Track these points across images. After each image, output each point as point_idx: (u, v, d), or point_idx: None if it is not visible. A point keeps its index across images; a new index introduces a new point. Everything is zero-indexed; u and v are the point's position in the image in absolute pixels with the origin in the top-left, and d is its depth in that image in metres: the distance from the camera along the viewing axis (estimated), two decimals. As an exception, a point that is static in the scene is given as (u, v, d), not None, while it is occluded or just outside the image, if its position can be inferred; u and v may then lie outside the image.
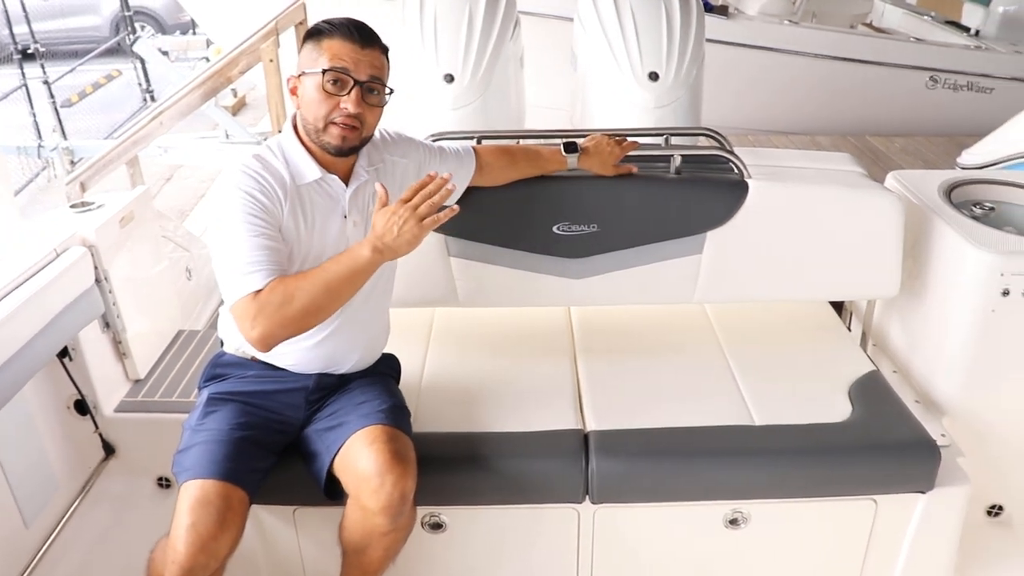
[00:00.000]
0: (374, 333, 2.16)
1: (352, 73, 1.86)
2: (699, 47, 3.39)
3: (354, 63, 1.87)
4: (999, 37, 7.08)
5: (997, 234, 2.37)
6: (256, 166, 1.90)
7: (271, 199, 1.86)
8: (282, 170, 1.91)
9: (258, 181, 1.87)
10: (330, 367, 2.07)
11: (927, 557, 2.28)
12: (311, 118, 1.89)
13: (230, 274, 1.81)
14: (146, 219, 2.71)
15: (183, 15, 10.07)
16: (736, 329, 2.67)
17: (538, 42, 4.08)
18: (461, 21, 3.25)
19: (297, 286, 1.79)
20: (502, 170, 2.34)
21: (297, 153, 1.94)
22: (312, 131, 1.91)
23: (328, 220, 1.95)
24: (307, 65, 1.89)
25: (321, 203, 1.95)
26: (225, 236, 1.84)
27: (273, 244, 1.83)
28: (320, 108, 1.87)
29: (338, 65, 1.86)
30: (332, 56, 1.86)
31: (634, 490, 2.17)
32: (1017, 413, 2.42)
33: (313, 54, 1.88)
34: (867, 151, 6.00)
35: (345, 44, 1.87)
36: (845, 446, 2.17)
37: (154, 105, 4.18)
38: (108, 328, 2.52)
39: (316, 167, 1.94)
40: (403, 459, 1.90)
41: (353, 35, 1.88)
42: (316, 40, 1.89)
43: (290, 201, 1.90)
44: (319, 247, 1.93)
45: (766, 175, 2.44)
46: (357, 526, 1.93)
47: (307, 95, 1.89)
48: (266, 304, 1.78)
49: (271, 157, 1.94)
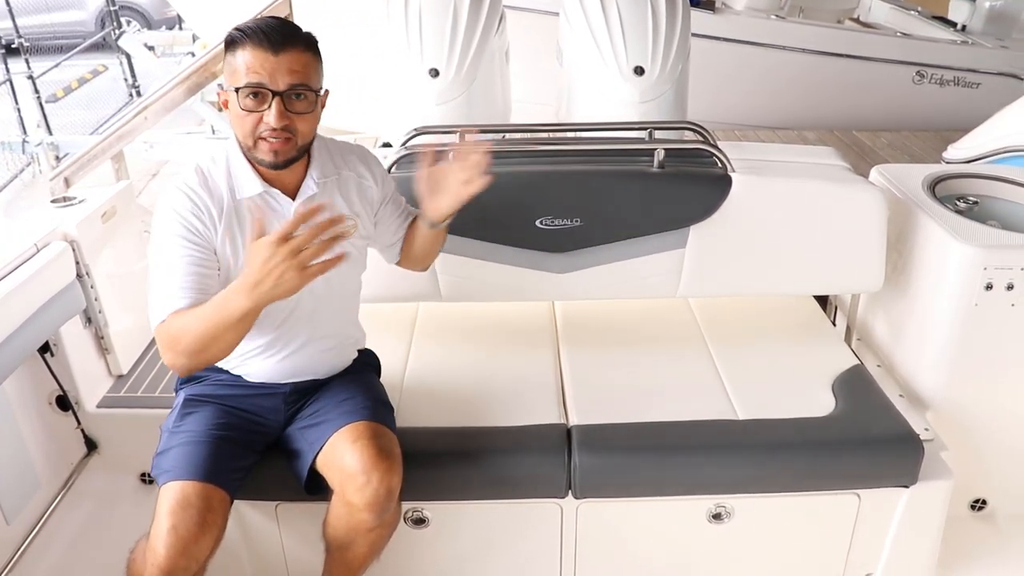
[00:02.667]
0: (344, 338, 2.12)
1: (268, 85, 1.72)
2: (685, 42, 3.39)
3: (269, 74, 1.72)
4: (985, 32, 7.10)
5: (981, 228, 2.37)
6: (194, 183, 1.82)
7: (203, 221, 1.80)
8: (222, 184, 1.84)
9: (192, 201, 1.80)
10: (303, 376, 2.05)
11: (910, 551, 2.29)
12: (240, 135, 1.80)
13: (150, 296, 1.78)
14: (129, 214, 2.70)
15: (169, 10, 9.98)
16: (720, 323, 2.67)
17: (523, 37, 4.07)
18: (446, 16, 3.23)
19: (183, 327, 1.70)
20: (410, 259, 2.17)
21: (239, 166, 1.85)
22: (244, 148, 1.82)
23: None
24: (227, 80, 1.77)
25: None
26: (152, 256, 1.81)
27: (194, 269, 1.76)
28: (244, 125, 1.77)
29: (252, 80, 1.72)
30: (246, 70, 1.72)
31: (617, 485, 2.16)
32: (1000, 407, 2.43)
33: (230, 67, 1.75)
34: (854, 146, 6.01)
35: (257, 53, 1.72)
36: (829, 440, 2.17)
37: (139, 100, 4.16)
38: (90, 323, 2.51)
39: (258, 181, 1.84)
40: (389, 455, 1.89)
41: (264, 41, 1.72)
42: (231, 51, 1.75)
43: (226, 220, 1.82)
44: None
45: (750, 169, 2.44)
46: (342, 522, 1.92)
47: (232, 112, 1.78)
48: (164, 337, 1.74)
49: (214, 169, 1.85)
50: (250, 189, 1.84)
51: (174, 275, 1.76)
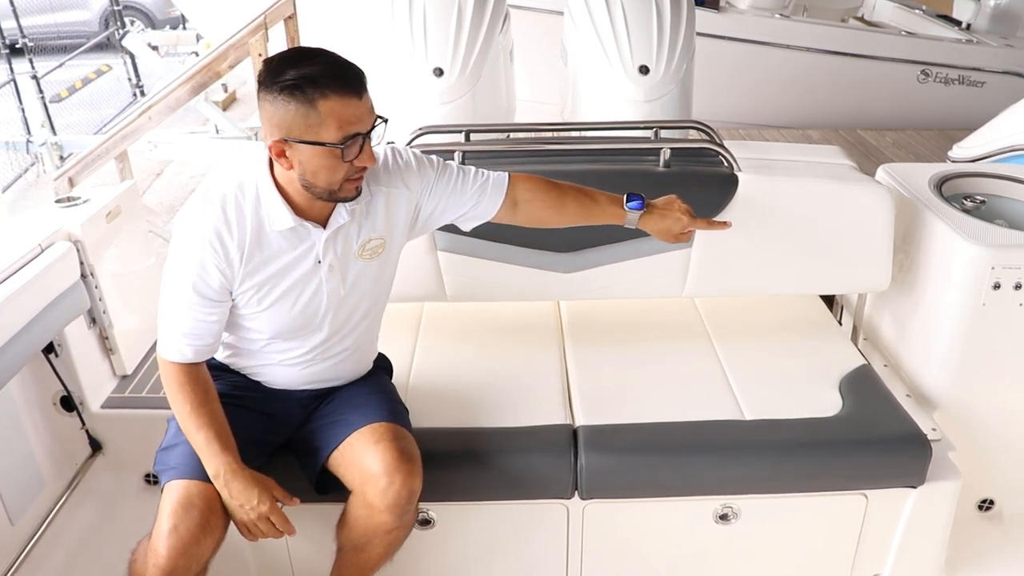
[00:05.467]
0: (368, 347, 2.12)
1: (363, 131, 1.70)
2: (690, 41, 3.38)
3: (361, 119, 1.69)
4: (990, 31, 7.09)
5: (988, 227, 2.36)
6: (220, 227, 1.76)
7: (224, 272, 1.78)
8: (250, 217, 1.78)
9: (215, 251, 1.76)
10: (323, 383, 2.05)
11: (918, 552, 2.28)
12: (323, 185, 1.73)
13: (161, 325, 1.85)
14: (133, 214, 2.69)
15: (173, 10, 10.01)
16: (726, 323, 2.66)
17: (528, 36, 4.07)
18: (450, 15, 3.23)
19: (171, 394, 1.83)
20: (544, 210, 2.08)
21: (271, 198, 1.78)
22: (322, 193, 1.75)
23: (296, 267, 1.84)
24: (303, 133, 1.66)
25: (290, 251, 1.82)
26: (168, 290, 1.82)
27: (199, 325, 1.81)
28: (335, 175, 1.71)
29: (350, 132, 1.67)
30: (341, 123, 1.65)
31: (623, 485, 2.16)
32: (1008, 407, 2.42)
33: (309, 119, 1.64)
34: (859, 145, 6.00)
35: (347, 103, 1.65)
36: (835, 441, 2.16)
37: (143, 100, 4.16)
38: (94, 324, 2.50)
39: (290, 216, 1.79)
40: (410, 458, 1.88)
41: (350, 87, 1.66)
42: (306, 102, 1.64)
43: (249, 256, 1.79)
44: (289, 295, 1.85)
45: (756, 168, 2.43)
46: (360, 523, 1.91)
47: (312, 164, 1.70)
48: (161, 371, 1.87)
49: (243, 202, 1.78)
50: (282, 223, 1.79)
51: (179, 323, 1.82)
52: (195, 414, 1.79)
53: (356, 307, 1.96)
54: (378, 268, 1.95)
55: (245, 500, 1.77)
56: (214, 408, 1.82)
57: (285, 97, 1.63)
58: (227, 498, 1.77)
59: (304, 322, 1.89)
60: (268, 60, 1.70)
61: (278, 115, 1.66)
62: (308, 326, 1.91)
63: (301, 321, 1.89)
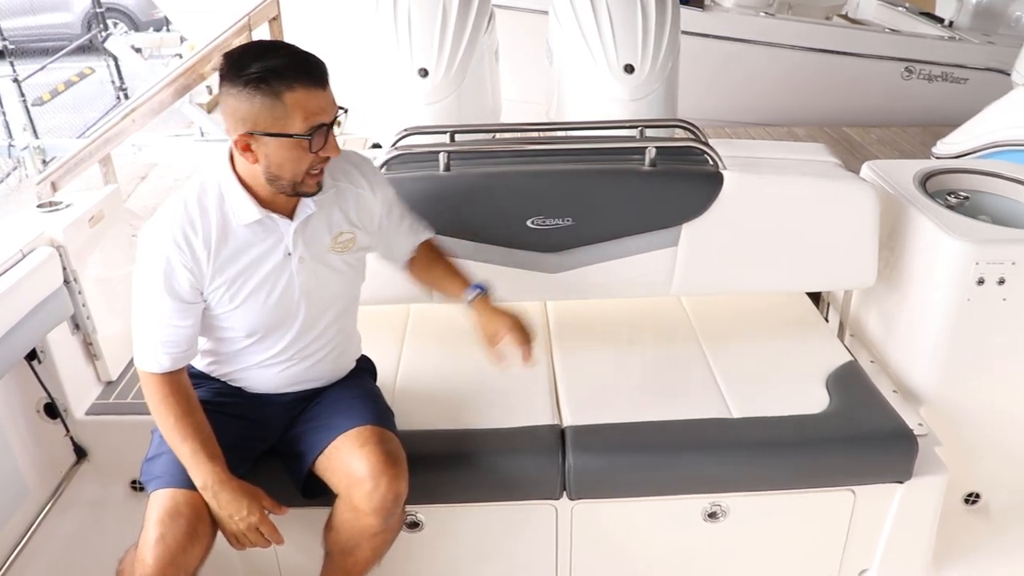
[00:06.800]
0: (345, 347, 2.10)
1: (327, 121, 1.72)
2: (675, 39, 3.38)
3: (325, 109, 1.70)
4: (972, 28, 7.13)
5: (972, 223, 2.37)
6: (184, 227, 1.76)
7: (192, 271, 1.77)
8: (215, 215, 1.78)
9: (180, 250, 1.76)
10: (304, 385, 2.04)
11: (906, 546, 2.29)
12: (288, 177, 1.73)
13: (136, 336, 1.84)
14: (117, 218, 2.67)
15: (156, 11, 9.94)
16: (713, 321, 2.67)
17: (513, 36, 4.06)
18: (435, 15, 3.22)
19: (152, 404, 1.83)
20: (420, 270, 2.20)
21: (234, 193, 1.78)
22: (285, 187, 1.76)
23: (265, 260, 1.84)
24: (269, 125, 1.66)
25: (259, 244, 1.82)
26: (139, 299, 1.82)
27: (172, 329, 1.80)
28: (299, 166, 1.72)
29: (316, 123, 1.68)
30: (307, 114, 1.67)
31: (612, 485, 2.16)
32: (993, 401, 2.43)
33: (275, 112, 1.65)
34: (843, 142, 6.02)
35: (312, 94, 1.67)
36: (823, 437, 2.17)
37: (127, 103, 4.14)
38: (78, 329, 2.48)
39: (256, 208, 1.79)
40: (396, 461, 1.88)
41: (314, 78, 1.68)
42: (272, 94, 1.64)
43: (217, 253, 1.79)
44: (260, 290, 1.85)
45: (741, 166, 2.43)
46: (347, 527, 1.90)
47: (277, 156, 1.70)
48: (143, 382, 1.86)
49: (206, 200, 1.79)
50: (247, 216, 1.79)
51: (155, 330, 1.81)
52: (179, 425, 1.78)
53: (331, 303, 1.96)
54: (351, 262, 1.97)
55: (234, 511, 1.76)
56: (198, 418, 1.82)
57: (250, 90, 1.64)
58: (216, 509, 1.77)
59: (279, 317, 1.89)
60: (228, 54, 1.68)
61: (243, 108, 1.66)
62: (283, 321, 1.90)
63: (276, 316, 1.88)
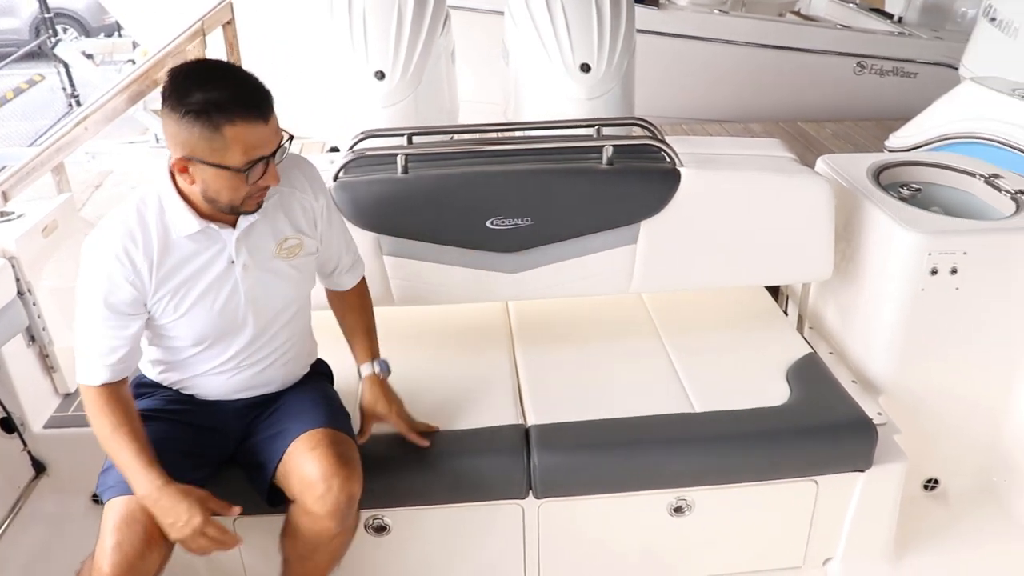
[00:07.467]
0: (296, 352, 2.07)
1: (267, 154, 1.69)
2: (630, 38, 3.41)
3: (265, 142, 1.68)
4: (920, 23, 7.27)
5: (924, 214, 2.42)
6: (125, 241, 1.74)
7: (134, 284, 1.75)
8: (155, 228, 1.76)
9: (122, 264, 1.73)
10: (256, 391, 2.02)
11: (868, 533, 2.33)
12: (225, 201, 1.72)
13: (78, 352, 1.81)
14: (72, 228, 2.63)
15: (107, 17, 9.81)
16: (674, 317, 2.69)
17: (469, 37, 4.06)
18: (390, 17, 3.22)
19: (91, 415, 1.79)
20: (337, 307, 2.21)
21: (174, 206, 1.76)
22: (224, 208, 1.75)
23: (208, 269, 1.82)
24: (207, 155, 1.64)
25: (202, 253, 1.80)
26: (81, 314, 1.79)
27: (112, 342, 1.78)
28: (237, 194, 1.71)
29: (255, 156, 1.66)
30: (246, 148, 1.65)
31: (578, 483, 2.16)
32: (949, 388, 2.48)
33: (213, 143, 1.63)
34: (799, 136, 6.10)
35: (253, 129, 1.64)
36: (785, 429, 2.20)
37: (79, 110, 4.07)
38: (34, 341, 2.44)
39: (196, 220, 1.77)
40: (348, 462, 1.87)
41: (257, 112, 1.64)
42: (212, 127, 1.61)
43: (160, 264, 1.76)
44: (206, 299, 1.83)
45: (698, 163, 2.45)
46: (303, 532, 1.89)
47: (214, 183, 1.69)
48: (83, 397, 1.81)
49: (146, 213, 1.76)
50: (187, 227, 1.77)
51: (95, 342, 1.79)
52: (116, 434, 1.75)
53: (280, 309, 1.95)
54: (299, 268, 1.95)
55: (175, 517, 1.71)
56: (135, 427, 1.78)
57: (190, 120, 1.61)
58: (158, 517, 1.72)
59: (225, 324, 1.87)
60: (173, 74, 1.64)
61: (182, 135, 1.64)
62: (230, 328, 1.88)
63: (221, 323, 1.87)
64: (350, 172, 2.39)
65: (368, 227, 2.34)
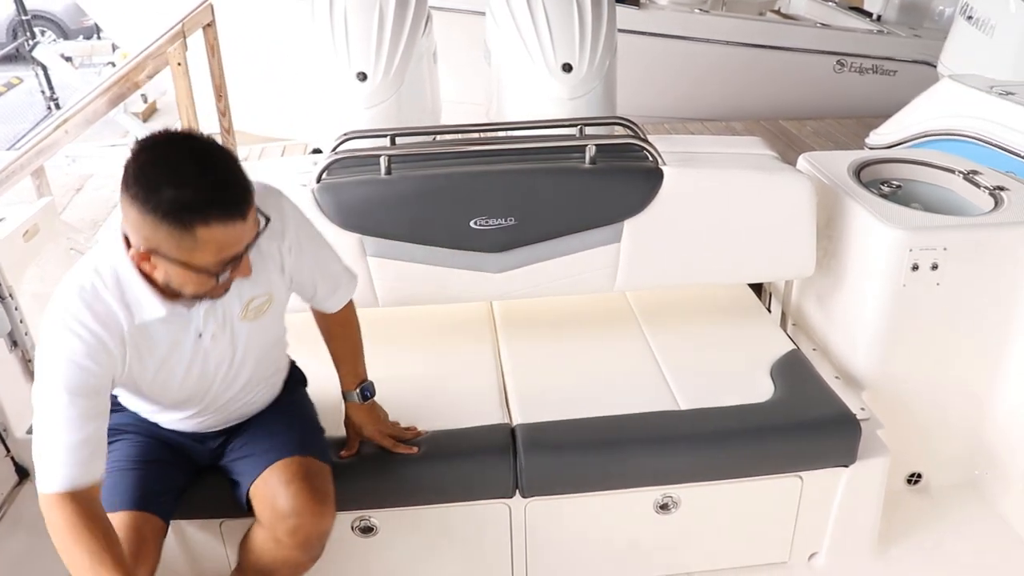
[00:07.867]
0: (270, 383, 1.99)
1: (242, 251, 1.55)
2: (611, 37, 3.41)
3: (240, 238, 1.52)
4: (899, 22, 7.34)
5: (905, 211, 2.44)
6: (86, 318, 1.55)
7: (99, 362, 1.57)
8: (116, 307, 1.58)
9: (84, 342, 1.55)
10: (224, 425, 1.97)
11: (852, 528, 2.34)
12: (190, 294, 1.58)
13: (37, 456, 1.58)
14: (53, 232, 2.61)
15: (86, 19, 9.73)
16: (658, 315, 2.70)
17: (451, 37, 4.06)
18: (372, 18, 3.21)
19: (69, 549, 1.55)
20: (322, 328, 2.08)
21: (135, 287, 1.59)
22: (186, 298, 1.62)
23: (177, 347, 1.69)
24: (174, 253, 1.48)
25: (167, 333, 1.67)
26: (40, 408, 1.57)
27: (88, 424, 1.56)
28: (203, 288, 1.57)
29: (227, 256, 1.52)
30: (220, 249, 1.49)
31: (564, 482, 2.17)
32: (931, 383, 2.51)
33: (183, 243, 1.46)
34: (780, 135, 6.14)
35: (230, 229, 1.48)
36: (769, 426, 2.21)
37: (59, 113, 4.03)
38: (16, 346, 2.42)
39: (160, 304, 1.60)
40: (323, 497, 1.85)
41: (235, 211, 1.48)
42: (182, 227, 1.44)
43: (126, 344, 1.61)
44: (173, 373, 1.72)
45: (680, 162, 2.46)
46: (267, 555, 1.87)
47: (178, 279, 1.53)
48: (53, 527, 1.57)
49: (103, 292, 1.57)
50: (152, 312, 1.61)
51: (58, 439, 1.56)
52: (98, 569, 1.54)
53: (257, 363, 1.88)
54: (268, 322, 1.83)
55: None
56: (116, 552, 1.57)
57: (157, 218, 1.44)
58: None
59: (193, 390, 1.80)
60: (137, 155, 1.46)
61: (146, 230, 1.47)
62: (198, 393, 1.82)
63: (189, 390, 1.79)
64: (333, 173, 2.39)
65: (351, 228, 2.34)
